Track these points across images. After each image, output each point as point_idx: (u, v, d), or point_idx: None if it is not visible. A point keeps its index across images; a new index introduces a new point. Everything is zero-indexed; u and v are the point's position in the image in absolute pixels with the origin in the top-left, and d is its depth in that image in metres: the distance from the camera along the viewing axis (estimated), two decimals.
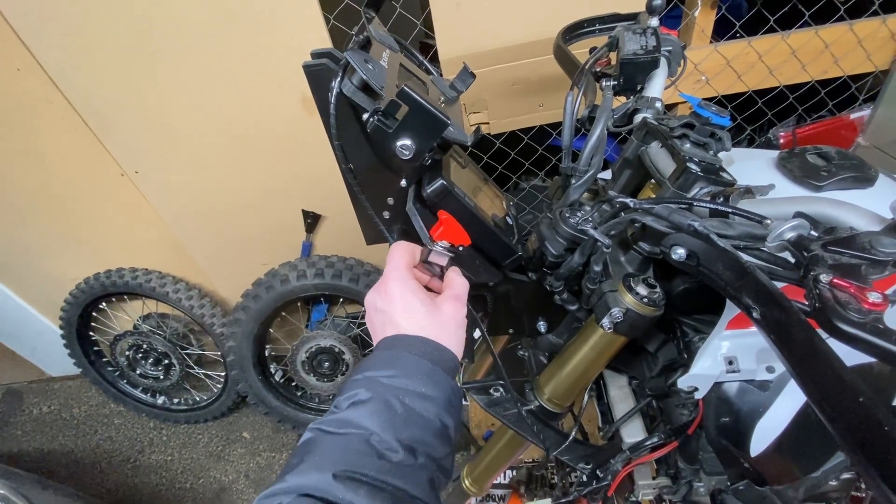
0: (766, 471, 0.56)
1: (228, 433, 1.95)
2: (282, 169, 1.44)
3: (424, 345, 0.45)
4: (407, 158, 0.44)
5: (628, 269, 0.60)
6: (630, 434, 0.75)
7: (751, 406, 0.53)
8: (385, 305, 0.47)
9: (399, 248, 0.51)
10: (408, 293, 0.47)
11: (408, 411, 0.40)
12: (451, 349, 0.46)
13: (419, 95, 0.40)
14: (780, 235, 0.38)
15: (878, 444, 0.25)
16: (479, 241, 0.57)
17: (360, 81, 0.43)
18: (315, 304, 1.78)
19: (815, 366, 0.30)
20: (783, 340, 0.33)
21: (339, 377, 1.70)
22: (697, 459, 0.74)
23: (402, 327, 0.46)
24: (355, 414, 0.39)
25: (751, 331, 0.52)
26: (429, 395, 0.42)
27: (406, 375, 0.42)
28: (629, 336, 0.58)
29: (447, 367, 0.45)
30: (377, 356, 0.45)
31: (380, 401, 0.40)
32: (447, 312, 0.48)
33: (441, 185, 0.50)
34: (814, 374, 0.30)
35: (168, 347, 1.76)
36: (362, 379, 0.43)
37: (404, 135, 0.43)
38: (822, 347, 0.30)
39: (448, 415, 0.43)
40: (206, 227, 1.59)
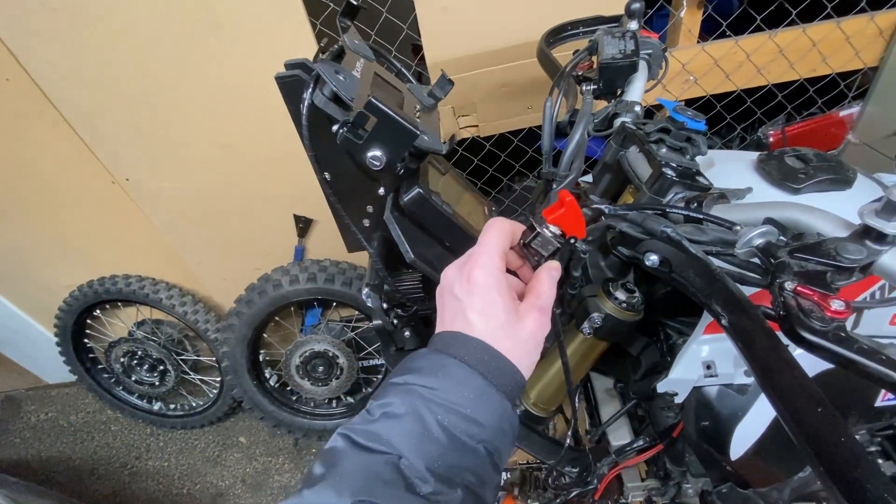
0: (748, 474, 0.56)
1: (225, 438, 1.95)
2: (273, 174, 1.45)
3: (486, 353, 0.38)
4: (378, 169, 0.44)
5: (608, 273, 0.60)
6: (617, 437, 0.75)
7: (729, 410, 0.53)
8: (463, 294, 0.40)
9: (497, 225, 0.43)
10: (493, 289, 0.39)
11: (447, 436, 0.34)
12: (519, 368, 0.39)
13: (387, 107, 0.40)
14: (748, 242, 0.38)
15: (836, 456, 0.25)
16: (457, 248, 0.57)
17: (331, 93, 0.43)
18: (309, 308, 1.78)
19: (778, 375, 0.30)
20: (749, 348, 0.33)
21: (334, 381, 1.70)
22: (684, 461, 0.74)
23: (474, 326, 0.39)
24: (387, 428, 0.34)
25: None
26: (475, 419, 0.35)
27: (451, 391, 0.36)
28: (610, 340, 0.58)
29: (507, 387, 0.38)
30: (425, 358, 0.38)
31: (415, 419, 0.34)
32: (529, 327, 0.40)
33: (417, 193, 0.50)
34: (777, 383, 0.30)
35: (163, 353, 1.76)
36: (402, 385, 0.37)
37: (374, 146, 0.42)
38: (785, 356, 0.31)
39: (498, 442, 0.37)
40: (199, 233, 1.59)
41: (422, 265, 0.53)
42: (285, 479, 1.79)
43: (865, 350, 0.29)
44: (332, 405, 1.82)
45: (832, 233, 0.37)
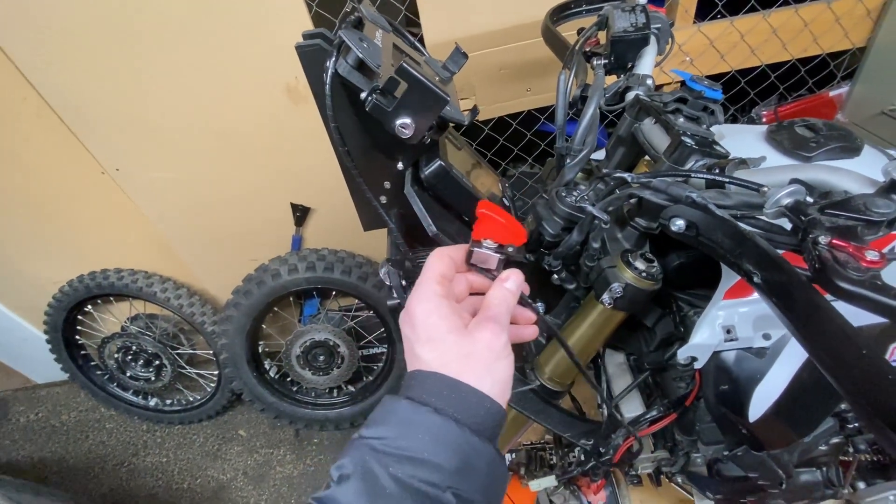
0: (764, 436, 0.58)
1: (224, 432, 1.93)
2: (268, 162, 1.42)
3: (441, 384, 0.35)
4: (407, 137, 0.43)
5: (625, 245, 0.60)
6: (629, 409, 0.76)
7: (748, 373, 0.54)
8: (408, 330, 0.38)
9: (434, 255, 0.41)
10: (432, 315, 0.37)
11: (401, 488, 0.31)
12: (481, 389, 0.35)
13: (418, 72, 0.40)
14: (777, 202, 0.39)
15: (883, 394, 0.26)
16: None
17: (355, 61, 0.43)
18: (307, 298, 1.77)
19: (817, 324, 0.31)
20: (785, 302, 0.34)
21: (335, 370, 1.70)
22: (694, 430, 0.76)
23: (423, 360, 0.36)
24: (342, 492, 0.31)
25: (748, 299, 0.54)
26: (433, 463, 0.32)
27: (404, 436, 0.33)
28: (628, 311, 0.59)
29: (471, 418, 0.34)
30: (380, 407, 0.36)
31: (363, 476, 0.31)
32: (482, 341, 0.36)
33: (439, 165, 0.50)
34: (817, 332, 0.31)
35: (158, 348, 1.74)
36: (356, 440, 0.34)
37: (404, 112, 0.42)
38: (823, 305, 0.31)
39: (469, 484, 0.32)
40: (192, 224, 1.56)
41: (444, 238, 0.53)
42: (287, 470, 1.78)
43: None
44: (334, 394, 1.82)
45: (858, 190, 0.38)
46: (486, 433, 0.35)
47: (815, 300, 0.32)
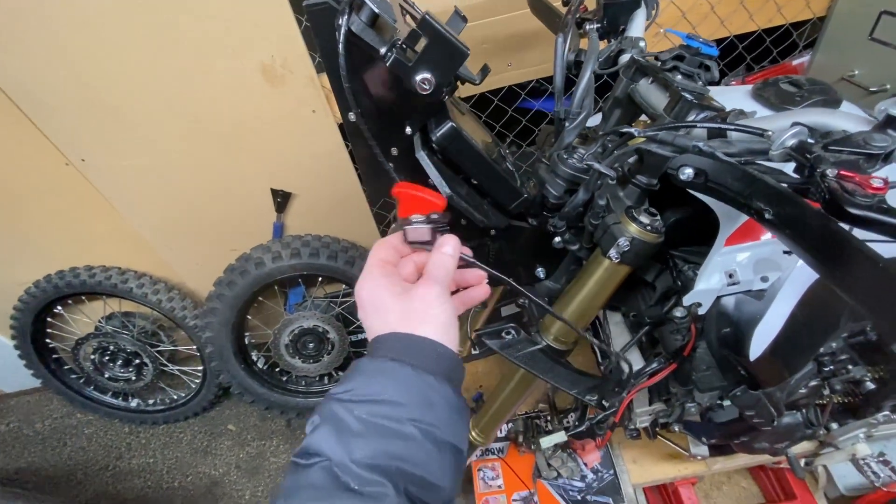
0: (761, 374, 0.62)
1: (212, 428, 1.89)
2: (245, 147, 1.38)
3: (391, 341, 0.39)
4: (427, 93, 0.43)
5: (627, 202, 0.62)
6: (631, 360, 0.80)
7: (748, 315, 0.57)
8: (361, 313, 0.43)
9: (375, 245, 0.46)
10: (376, 290, 0.42)
11: (366, 425, 0.35)
12: (428, 336, 0.39)
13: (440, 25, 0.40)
14: (782, 143, 0.41)
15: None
16: (486, 185, 0.58)
17: (369, 17, 0.42)
18: (292, 286, 1.74)
19: (833, 247, 0.34)
20: (799, 232, 0.36)
21: (325, 357, 1.68)
22: (691, 380, 0.80)
23: (375, 328, 0.41)
24: (314, 440, 0.35)
25: (747, 245, 0.57)
26: (393, 401, 0.36)
27: (365, 384, 0.37)
28: (633, 265, 0.61)
29: (420, 359, 0.38)
30: (345, 372, 0.40)
31: (333, 421, 0.35)
32: (416, 296, 0.41)
33: (451, 127, 0.50)
34: (832, 254, 0.34)
35: (137, 346, 1.67)
36: (325, 398, 0.38)
37: (424, 67, 0.42)
38: (837, 228, 0.34)
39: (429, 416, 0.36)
40: (166, 215, 1.50)
41: (458, 201, 0.53)
42: (281, 460, 1.77)
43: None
44: (325, 381, 1.81)
45: (855, 129, 0.41)
46: (441, 373, 0.39)
47: (828, 225, 0.34)
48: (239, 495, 1.69)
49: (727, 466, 1.32)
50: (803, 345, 0.60)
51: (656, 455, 1.35)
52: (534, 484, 1.29)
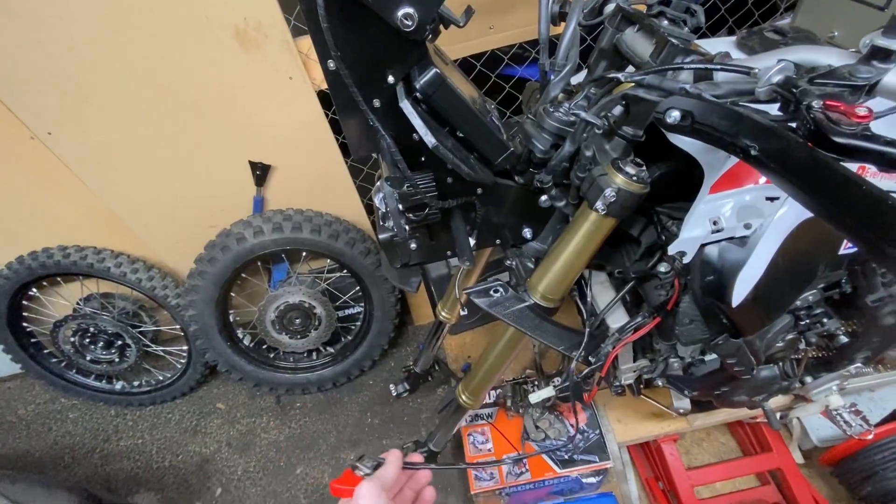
0: (742, 321, 0.63)
1: (201, 407, 1.88)
2: (220, 117, 1.33)
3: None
4: (409, 30, 0.41)
5: (613, 155, 0.62)
6: (615, 320, 0.81)
7: (731, 263, 0.58)
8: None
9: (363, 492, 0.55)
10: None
11: None
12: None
13: None
14: (768, 80, 0.41)
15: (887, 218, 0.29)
16: (472, 137, 0.57)
17: None
18: (275, 263, 1.71)
19: (818, 174, 0.34)
20: (784, 164, 0.36)
21: (313, 332, 1.68)
22: (674, 335, 0.82)
23: None
24: None
25: (731, 192, 0.57)
26: None
27: None
28: (619, 217, 0.61)
29: None
30: None
31: None
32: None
33: (435, 73, 0.49)
34: (818, 183, 0.34)
35: (119, 327, 1.64)
36: None
37: (406, 1, 0.40)
38: (822, 157, 0.34)
39: None
40: (140, 191, 1.44)
41: (444, 152, 0.52)
42: (272, 435, 1.77)
43: (890, 141, 0.33)
44: (313, 357, 1.81)
45: (840, 62, 0.41)
46: None
47: (813, 154, 0.35)
48: (231, 471, 1.69)
49: (707, 422, 1.37)
50: (783, 291, 0.62)
51: (640, 414, 1.39)
52: (522, 446, 1.32)
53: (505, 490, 1.28)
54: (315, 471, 1.66)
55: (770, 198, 0.57)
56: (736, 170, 0.56)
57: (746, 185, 0.56)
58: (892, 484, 1.18)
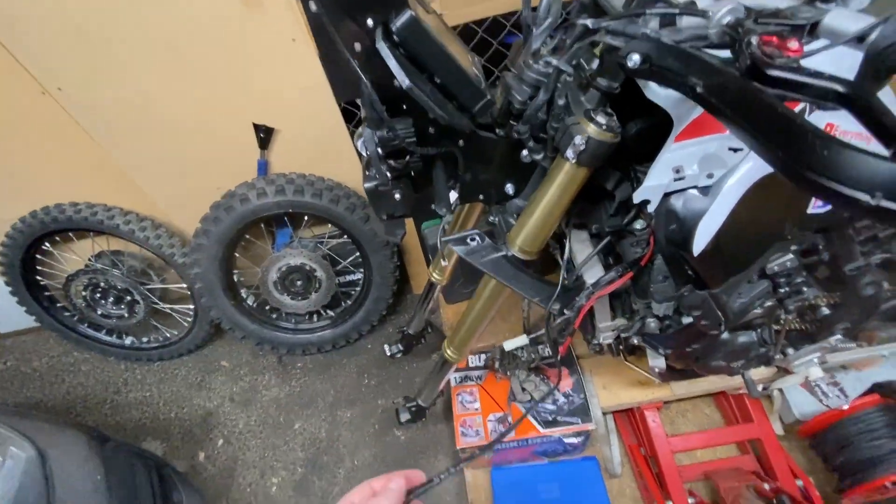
0: (706, 270, 0.66)
1: (206, 364, 1.97)
2: (223, 78, 1.36)
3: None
4: None
5: (588, 106, 0.64)
6: (592, 275, 0.84)
7: (694, 212, 0.61)
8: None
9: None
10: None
11: None
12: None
13: None
14: (718, 21, 0.43)
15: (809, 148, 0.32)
16: (450, 83, 0.59)
17: None
18: (279, 226, 1.76)
19: (752, 105, 0.36)
20: (723, 98, 0.39)
21: (313, 294, 1.73)
22: (649, 292, 0.85)
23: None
24: None
25: (695, 140, 0.59)
26: None
27: None
28: (590, 166, 0.63)
29: None
30: None
31: None
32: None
33: (410, 16, 0.51)
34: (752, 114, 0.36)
35: (128, 283, 1.71)
36: None
37: None
38: (754, 88, 0.36)
39: None
40: (149, 150, 1.49)
41: (418, 93, 0.55)
42: (273, 392, 1.85)
43: (815, 73, 0.35)
44: (314, 319, 1.87)
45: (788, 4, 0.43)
46: None
47: (748, 87, 0.37)
48: (233, 424, 1.78)
49: (691, 391, 1.41)
50: (746, 245, 0.64)
51: (625, 381, 1.43)
52: (508, 407, 1.38)
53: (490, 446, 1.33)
54: (312, 426, 1.73)
55: (733, 148, 0.59)
56: (700, 119, 0.58)
57: (710, 135, 0.59)
58: (864, 454, 1.21)
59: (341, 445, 1.68)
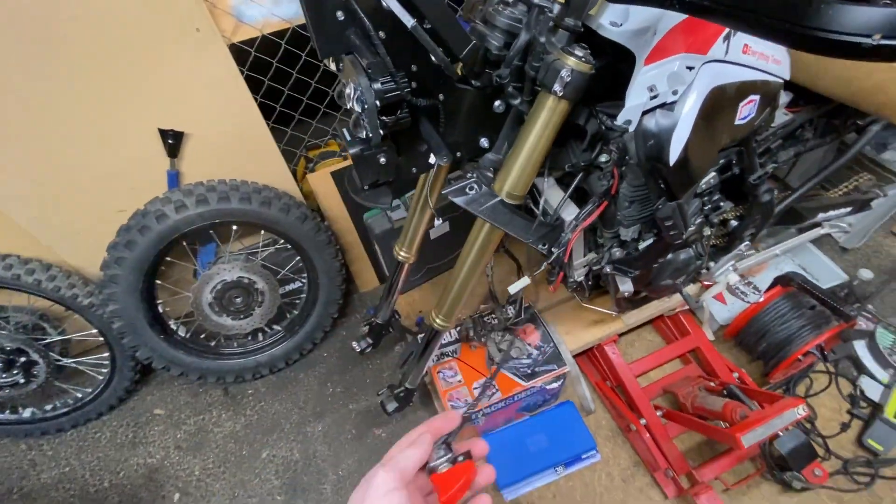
0: (678, 180, 0.76)
1: (135, 418, 1.70)
2: (119, 79, 1.19)
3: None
4: None
5: (559, 45, 0.69)
6: (568, 213, 0.90)
7: (665, 126, 0.69)
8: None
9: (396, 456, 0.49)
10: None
11: None
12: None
13: None
14: None
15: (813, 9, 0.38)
16: (440, 27, 0.60)
17: None
18: (202, 244, 1.59)
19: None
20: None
21: (257, 309, 1.59)
22: (616, 220, 0.94)
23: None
24: None
25: (661, 62, 0.67)
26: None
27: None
28: (573, 98, 0.68)
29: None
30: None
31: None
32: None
33: None
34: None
35: (19, 342, 1.41)
36: None
37: None
38: None
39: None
40: (21, 175, 1.25)
41: (422, 33, 0.54)
42: (227, 427, 1.67)
43: None
44: (259, 338, 1.72)
45: None
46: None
47: None
48: (187, 473, 1.57)
49: (640, 318, 1.57)
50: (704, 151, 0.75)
51: (584, 323, 1.56)
52: (489, 371, 1.41)
53: (481, 412, 1.36)
54: (283, 450, 1.60)
55: (689, 66, 0.68)
56: (662, 44, 0.66)
57: (671, 56, 0.67)
58: (779, 336, 1.47)
59: (320, 461, 1.57)
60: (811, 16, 0.38)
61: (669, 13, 0.65)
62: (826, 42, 0.38)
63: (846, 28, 0.37)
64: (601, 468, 1.47)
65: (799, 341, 1.42)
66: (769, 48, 0.78)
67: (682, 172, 0.74)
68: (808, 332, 1.43)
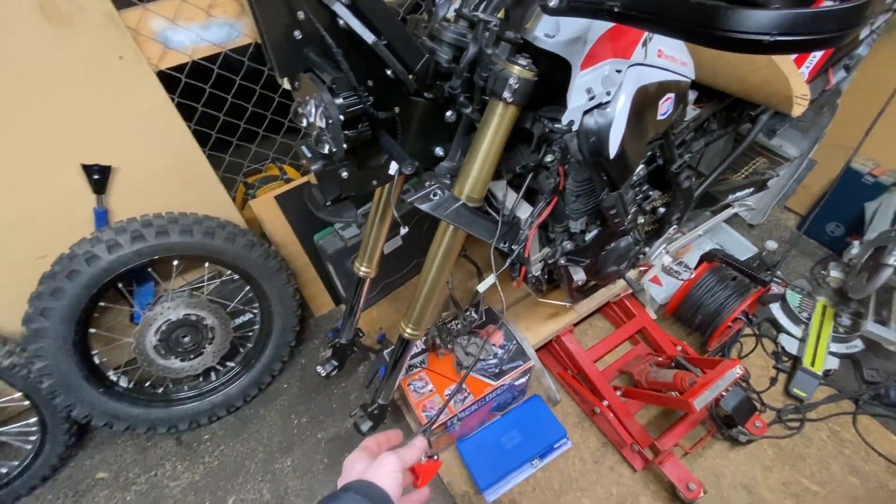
0: (617, 171, 0.84)
1: (75, 485, 1.52)
2: (35, 114, 1.10)
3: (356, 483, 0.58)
4: None
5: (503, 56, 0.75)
6: (523, 212, 0.96)
7: (604, 124, 0.77)
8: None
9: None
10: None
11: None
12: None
13: None
14: None
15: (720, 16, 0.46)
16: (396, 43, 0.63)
17: None
18: (139, 284, 1.48)
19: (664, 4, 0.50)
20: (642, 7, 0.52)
21: (208, 346, 1.50)
22: (565, 215, 1.01)
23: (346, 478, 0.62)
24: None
25: (594, 67, 0.75)
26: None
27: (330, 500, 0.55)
28: (520, 104, 0.74)
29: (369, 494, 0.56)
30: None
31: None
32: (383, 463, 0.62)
33: None
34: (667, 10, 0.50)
35: None
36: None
37: None
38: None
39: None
40: None
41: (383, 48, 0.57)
42: (185, 479, 1.54)
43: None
44: (212, 377, 1.62)
45: None
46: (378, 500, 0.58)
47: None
48: None
49: (590, 307, 1.67)
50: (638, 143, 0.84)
51: (541, 318, 1.63)
52: (458, 376, 1.43)
53: (456, 417, 1.37)
54: (251, 492, 1.51)
55: (618, 70, 0.77)
56: (593, 51, 0.74)
57: (602, 61, 0.75)
58: (711, 308, 1.63)
59: (293, 496, 1.50)
60: (719, 19, 0.46)
61: (597, 23, 0.73)
62: (735, 41, 0.46)
63: (751, 29, 0.45)
64: (573, 454, 1.53)
65: (728, 309, 1.59)
66: (678, 52, 0.89)
67: (621, 164, 0.82)
68: (733, 300, 1.60)
